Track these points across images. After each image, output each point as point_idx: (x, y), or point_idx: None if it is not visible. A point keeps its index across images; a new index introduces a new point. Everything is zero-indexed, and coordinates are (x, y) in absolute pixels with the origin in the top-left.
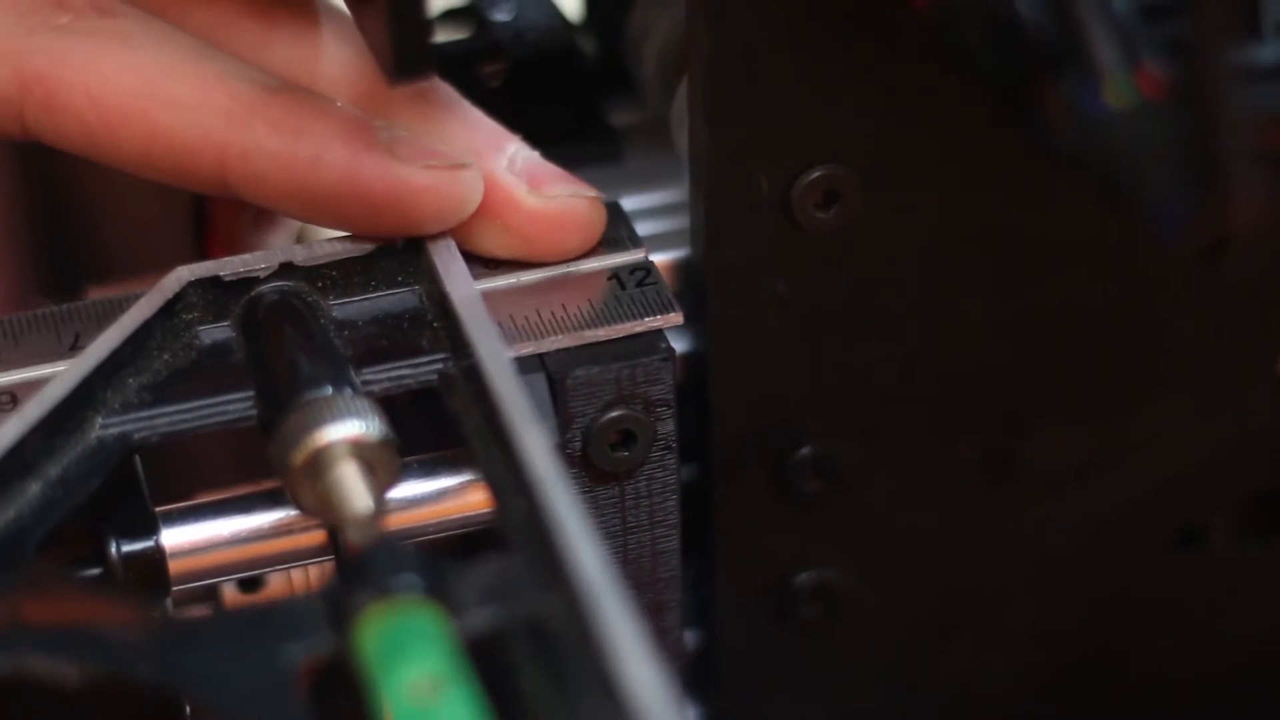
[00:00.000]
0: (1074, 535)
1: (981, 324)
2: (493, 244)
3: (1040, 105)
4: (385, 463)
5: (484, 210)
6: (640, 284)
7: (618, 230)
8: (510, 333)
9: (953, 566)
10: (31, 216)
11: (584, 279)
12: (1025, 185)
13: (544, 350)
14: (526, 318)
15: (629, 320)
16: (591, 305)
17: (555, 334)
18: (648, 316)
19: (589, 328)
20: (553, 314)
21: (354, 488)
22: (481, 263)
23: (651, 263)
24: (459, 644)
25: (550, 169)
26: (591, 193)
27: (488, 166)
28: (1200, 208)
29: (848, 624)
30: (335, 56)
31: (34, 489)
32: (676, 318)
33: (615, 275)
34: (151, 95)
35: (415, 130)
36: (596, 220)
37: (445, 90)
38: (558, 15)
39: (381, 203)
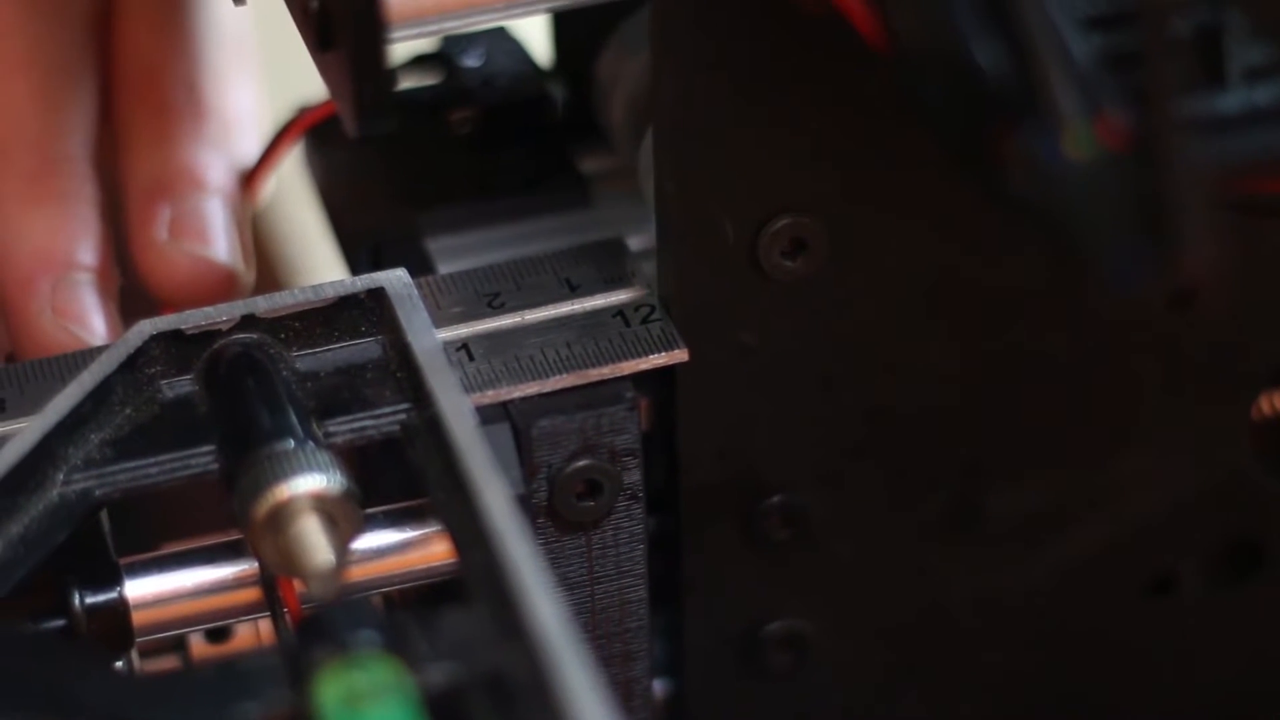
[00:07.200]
0: (1044, 583)
1: (949, 372)
2: None
3: (999, 155)
4: (347, 515)
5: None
6: (645, 321)
7: (622, 268)
8: (515, 372)
9: (922, 615)
10: None
11: (589, 317)
12: (993, 233)
13: (524, 395)
14: (531, 357)
15: (635, 358)
16: (596, 343)
17: (560, 373)
18: (653, 354)
19: (594, 366)
20: (557, 352)
21: (315, 542)
22: (486, 302)
23: (657, 300)
24: (419, 699)
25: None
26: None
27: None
28: (1155, 260)
29: (817, 672)
30: None
31: None
32: (682, 354)
33: (620, 312)
34: None
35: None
36: None
37: (60, 184)
38: (528, 62)
39: None
